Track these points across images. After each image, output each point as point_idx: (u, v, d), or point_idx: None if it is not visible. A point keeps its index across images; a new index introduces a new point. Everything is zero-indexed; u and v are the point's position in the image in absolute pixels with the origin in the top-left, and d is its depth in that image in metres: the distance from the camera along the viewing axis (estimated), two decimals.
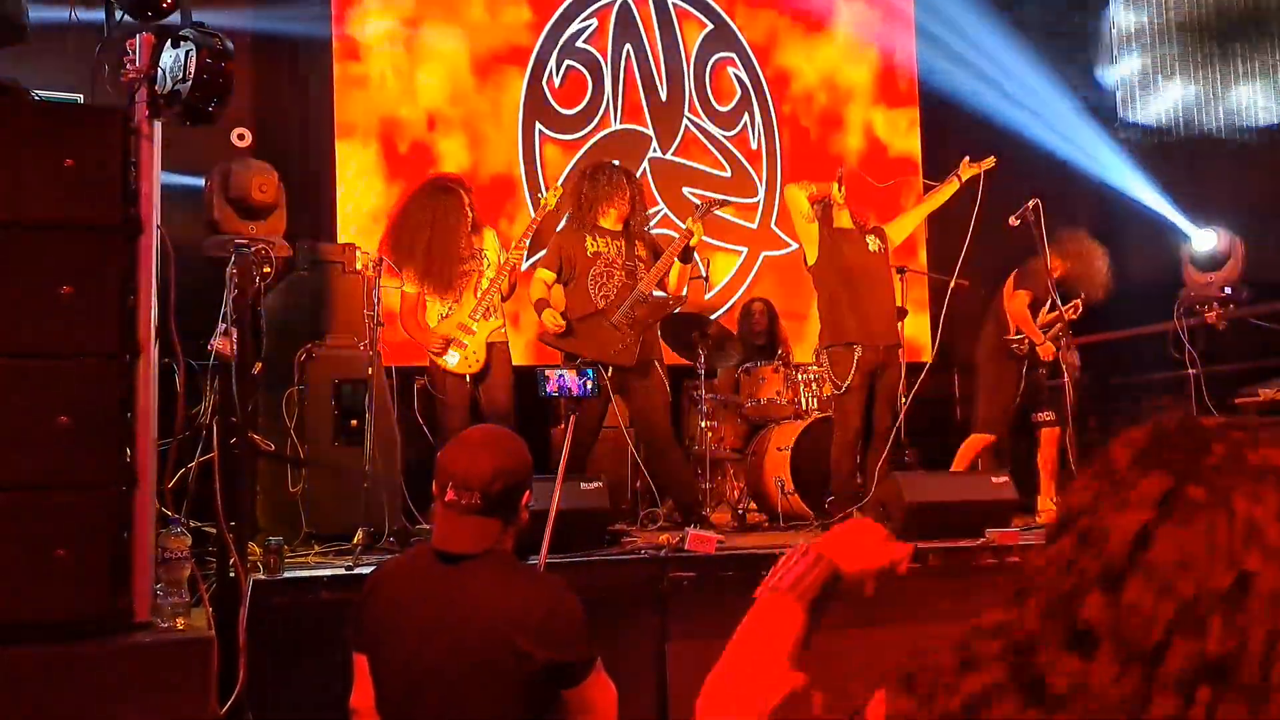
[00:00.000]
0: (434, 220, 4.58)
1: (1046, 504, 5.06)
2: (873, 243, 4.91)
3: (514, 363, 4.91)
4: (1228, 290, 5.24)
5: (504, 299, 4.85)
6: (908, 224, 5.29)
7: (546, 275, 4.79)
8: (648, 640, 3.50)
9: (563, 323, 4.70)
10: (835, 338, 4.79)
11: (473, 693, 2.02)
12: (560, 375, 3.01)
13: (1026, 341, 5.20)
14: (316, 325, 4.57)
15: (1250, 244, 5.57)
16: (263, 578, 3.25)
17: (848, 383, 4.69)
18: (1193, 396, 5.11)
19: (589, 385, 3.01)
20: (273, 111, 6.04)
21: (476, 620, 2.04)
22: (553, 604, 2.07)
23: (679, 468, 4.85)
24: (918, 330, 6.94)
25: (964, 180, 5.02)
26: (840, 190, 4.88)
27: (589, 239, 4.75)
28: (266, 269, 3.81)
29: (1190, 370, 5.12)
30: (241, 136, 5.91)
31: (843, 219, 4.92)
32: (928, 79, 7.47)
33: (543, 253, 5.03)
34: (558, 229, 5.04)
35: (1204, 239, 5.56)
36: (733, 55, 7.14)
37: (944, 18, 7.28)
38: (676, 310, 5.09)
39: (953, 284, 5.02)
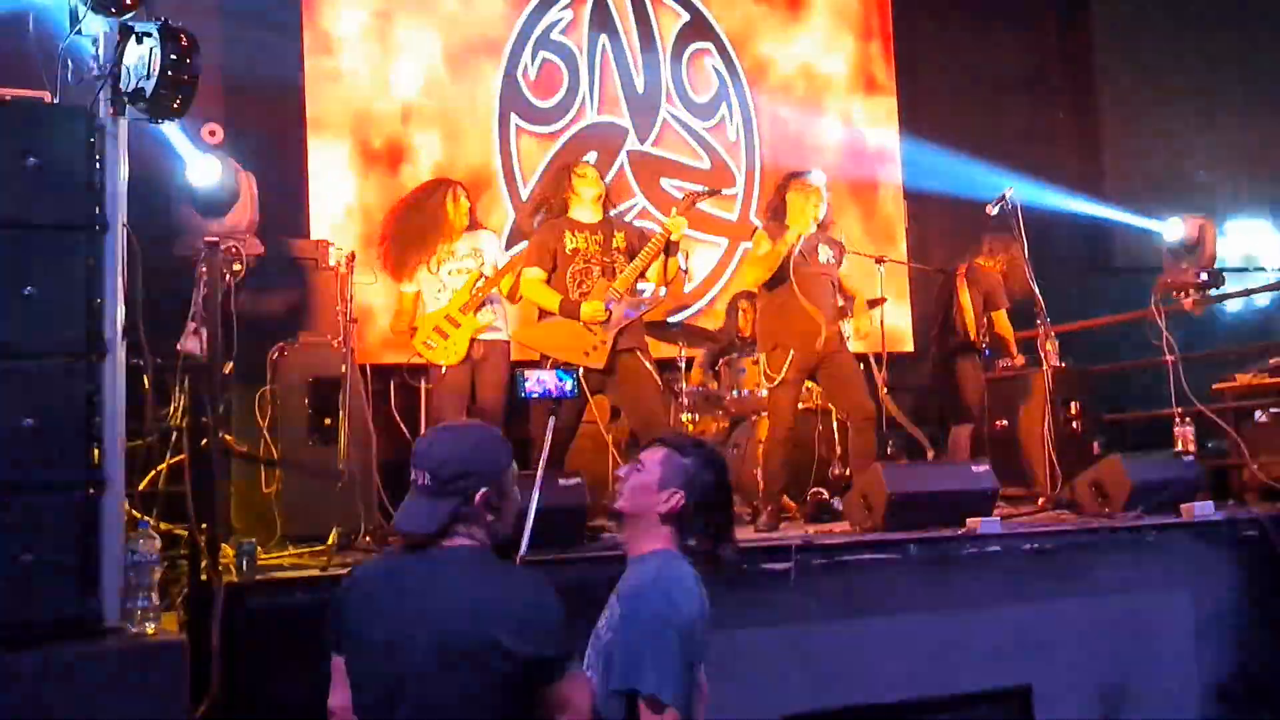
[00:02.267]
0: (416, 206, 4.70)
1: None
2: (824, 252, 4.89)
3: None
4: (1203, 276, 5.25)
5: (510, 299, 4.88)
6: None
7: (538, 274, 4.70)
8: None
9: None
10: (768, 342, 4.80)
11: (451, 691, 2.00)
12: (539, 376, 2.99)
13: (986, 333, 5.32)
14: (289, 323, 4.51)
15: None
16: (235, 580, 3.20)
17: (780, 376, 4.68)
18: (1170, 383, 5.12)
19: (568, 387, 2.99)
20: (243, 107, 5.95)
21: (455, 617, 2.02)
22: (531, 600, 2.05)
23: None
24: (897, 320, 6.96)
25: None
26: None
27: (568, 234, 4.70)
28: (237, 266, 3.75)
29: (1168, 357, 5.13)
30: (212, 133, 5.83)
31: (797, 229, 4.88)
32: (904, 66, 7.48)
33: (521, 247, 5.00)
34: (534, 228, 4.97)
35: (1172, 228, 5.55)
36: (709, 45, 7.11)
37: None
38: (653, 307, 5.04)
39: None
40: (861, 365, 4.99)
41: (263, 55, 6.05)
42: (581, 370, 4.46)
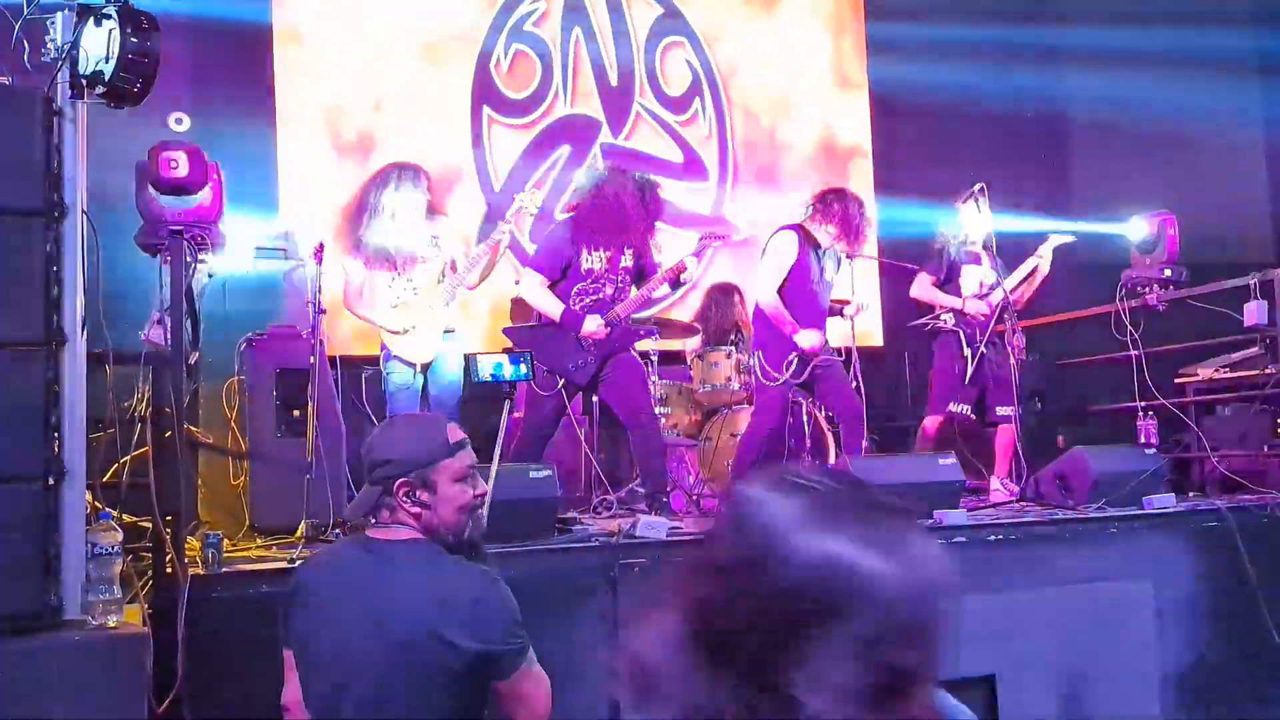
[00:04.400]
0: (390, 203, 4.59)
1: (996, 485, 5.13)
2: (830, 267, 5.00)
3: (469, 350, 4.88)
4: (1167, 272, 5.31)
5: (480, 282, 4.82)
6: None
7: (543, 279, 4.74)
8: (599, 627, 3.49)
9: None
10: (772, 342, 4.85)
11: (401, 685, 1.98)
12: (494, 362, 2.98)
13: (949, 316, 5.31)
14: (258, 314, 4.47)
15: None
16: (201, 572, 3.17)
17: (783, 377, 4.76)
18: (1134, 377, 5.19)
19: (523, 371, 2.98)
20: (212, 96, 5.89)
21: (403, 611, 1.99)
22: (481, 593, 2.03)
23: (657, 452, 4.84)
24: (867, 316, 6.98)
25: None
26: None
27: (585, 253, 4.71)
28: (202, 256, 3.70)
29: (1132, 351, 5.19)
30: (179, 121, 5.77)
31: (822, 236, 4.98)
32: (877, 64, 7.51)
33: (535, 249, 5.05)
34: (554, 229, 4.95)
35: (1136, 228, 5.59)
36: (683, 40, 7.11)
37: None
38: (647, 336, 5.12)
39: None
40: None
41: (231, 43, 6.00)
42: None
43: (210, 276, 4.37)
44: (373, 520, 2.12)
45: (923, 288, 5.41)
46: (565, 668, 2.15)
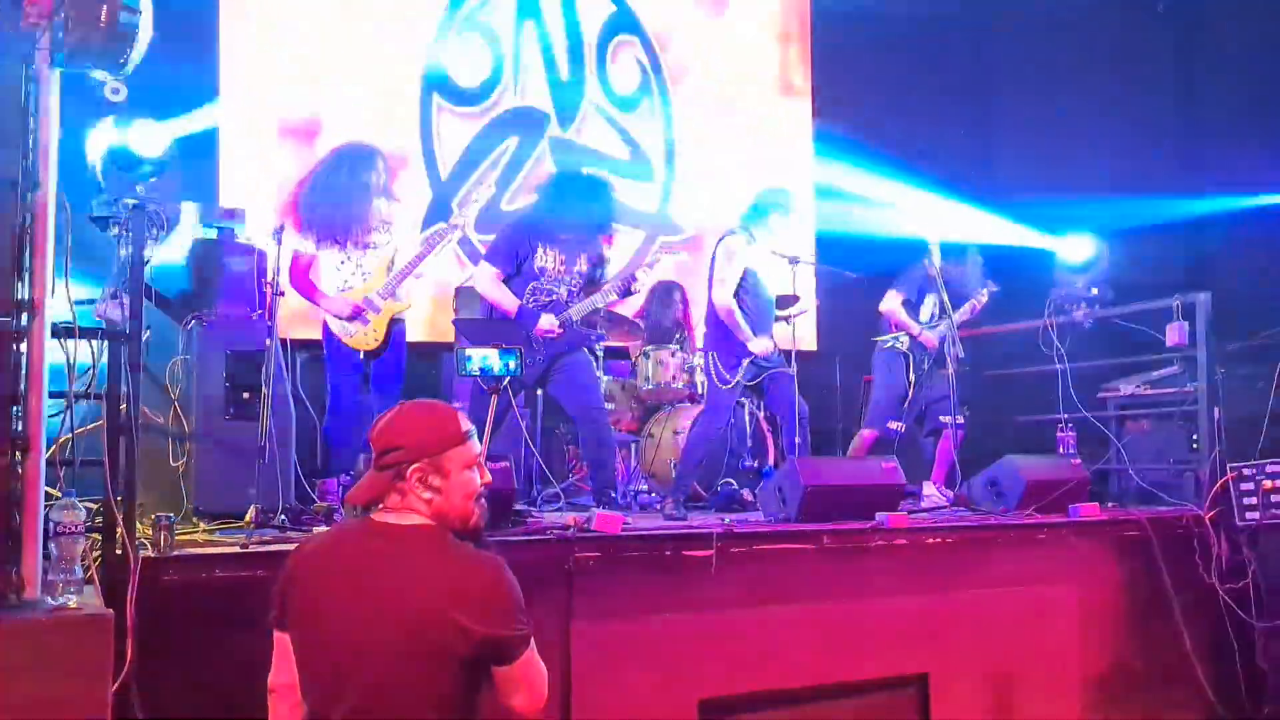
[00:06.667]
0: (346, 181, 4.57)
1: (930, 490, 5.31)
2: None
3: (411, 339, 4.86)
4: (1094, 291, 5.57)
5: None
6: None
7: (496, 272, 4.78)
8: (552, 618, 3.52)
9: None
10: (725, 345, 4.92)
11: (406, 669, 1.99)
12: (483, 355, 2.98)
13: (905, 338, 5.47)
14: (203, 292, 4.36)
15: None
16: (152, 555, 3.10)
17: (735, 379, 4.84)
18: (1059, 390, 5.42)
19: (512, 365, 2.99)
20: (151, 65, 5.69)
21: (412, 595, 2.01)
22: (491, 580, 2.06)
23: (606, 447, 4.88)
24: (803, 321, 7.13)
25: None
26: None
27: (541, 250, 4.74)
28: (157, 231, 3.59)
29: (1058, 365, 5.42)
30: (115, 91, 5.56)
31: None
32: (821, 72, 7.67)
33: (493, 239, 5.07)
34: (513, 223, 4.97)
35: (1066, 245, 5.88)
36: (634, 39, 7.15)
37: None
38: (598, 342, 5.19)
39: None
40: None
41: (174, 13, 5.80)
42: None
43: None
44: (379, 505, 2.12)
45: (892, 305, 5.60)
46: None
